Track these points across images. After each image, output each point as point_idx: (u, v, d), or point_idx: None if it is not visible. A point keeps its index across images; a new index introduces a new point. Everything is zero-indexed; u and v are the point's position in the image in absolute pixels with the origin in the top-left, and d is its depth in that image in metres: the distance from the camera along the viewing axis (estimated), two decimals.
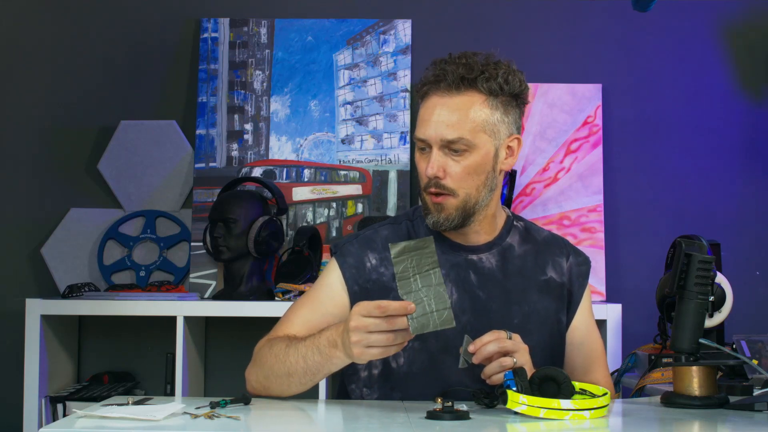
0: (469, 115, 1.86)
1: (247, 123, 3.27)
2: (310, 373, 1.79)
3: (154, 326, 3.14)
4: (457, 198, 1.89)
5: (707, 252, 1.83)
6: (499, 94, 1.89)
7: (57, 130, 3.33)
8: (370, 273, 1.95)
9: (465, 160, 1.87)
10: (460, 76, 1.86)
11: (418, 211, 2.03)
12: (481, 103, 1.87)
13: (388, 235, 1.99)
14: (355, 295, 1.94)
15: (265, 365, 1.85)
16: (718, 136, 3.30)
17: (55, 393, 2.96)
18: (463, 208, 1.90)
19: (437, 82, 1.87)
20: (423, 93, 1.90)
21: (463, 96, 1.87)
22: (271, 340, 1.90)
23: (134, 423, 1.53)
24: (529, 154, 3.24)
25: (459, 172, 1.87)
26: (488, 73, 1.87)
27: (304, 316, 1.95)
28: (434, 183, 1.87)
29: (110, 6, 3.36)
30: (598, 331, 2.09)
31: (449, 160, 1.87)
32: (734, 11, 3.32)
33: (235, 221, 3.01)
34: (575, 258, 2.03)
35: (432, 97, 1.88)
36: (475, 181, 1.89)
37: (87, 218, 3.25)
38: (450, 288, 1.93)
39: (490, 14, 3.33)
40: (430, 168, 1.87)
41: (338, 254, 1.99)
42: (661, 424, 1.68)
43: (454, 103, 1.86)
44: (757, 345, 2.15)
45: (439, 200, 1.89)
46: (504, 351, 1.74)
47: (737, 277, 2.20)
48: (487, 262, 1.96)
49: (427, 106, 1.89)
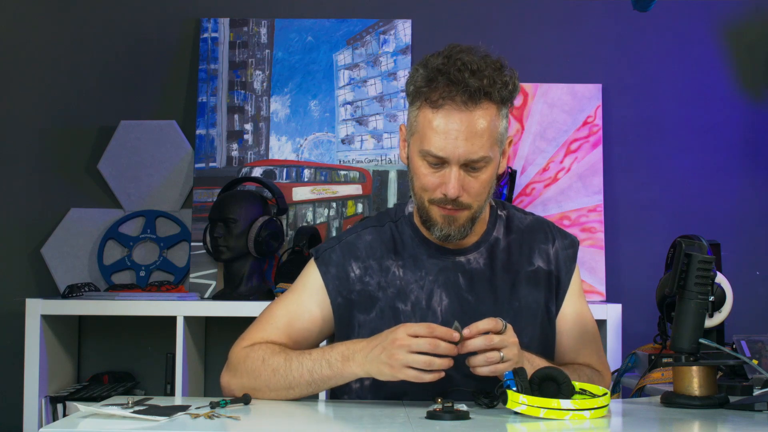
0: (489, 128, 1.78)
1: (247, 123, 3.27)
2: (315, 385, 1.79)
3: (154, 326, 3.14)
4: (471, 210, 1.85)
5: (707, 252, 1.83)
6: (507, 101, 1.82)
7: (57, 130, 3.33)
8: (354, 284, 1.91)
9: (482, 174, 1.81)
10: (481, 88, 1.76)
11: (401, 210, 1.98)
12: (495, 114, 1.79)
13: (371, 241, 1.94)
14: (339, 306, 1.91)
15: (257, 378, 1.82)
16: (718, 136, 3.30)
17: (55, 393, 2.96)
18: (473, 218, 1.86)
19: (455, 93, 1.76)
20: (433, 101, 1.77)
21: (482, 108, 1.77)
22: (256, 348, 1.86)
23: (134, 423, 1.53)
24: (529, 154, 3.24)
25: (477, 187, 1.82)
26: (500, 83, 1.79)
27: (280, 327, 1.91)
28: (452, 200, 1.81)
29: (110, 6, 3.36)
30: (591, 313, 2.03)
31: (467, 177, 1.81)
32: (734, 11, 3.32)
33: (235, 221, 3.01)
34: (561, 241, 1.99)
35: (450, 111, 1.76)
36: (488, 193, 1.86)
37: (87, 218, 3.25)
38: (439, 294, 1.90)
39: (490, 14, 3.34)
40: (452, 189, 1.78)
41: (319, 261, 1.94)
42: (661, 424, 1.68)
43: (475, 117, 1.76)
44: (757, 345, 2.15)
45: (453, 213, 1.84)
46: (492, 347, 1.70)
47: (737, 277, 2.19)
48: (474, 262, 1.93)
49: (443, 120, 1.77)
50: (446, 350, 1.65)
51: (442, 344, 1.65)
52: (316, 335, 1.95)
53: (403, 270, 1.92)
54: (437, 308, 1.90)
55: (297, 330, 1.92)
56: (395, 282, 1.91)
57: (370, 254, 1.93)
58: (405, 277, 1.91)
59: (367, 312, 1.91)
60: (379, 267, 1.92)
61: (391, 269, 1.92)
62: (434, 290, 1.91)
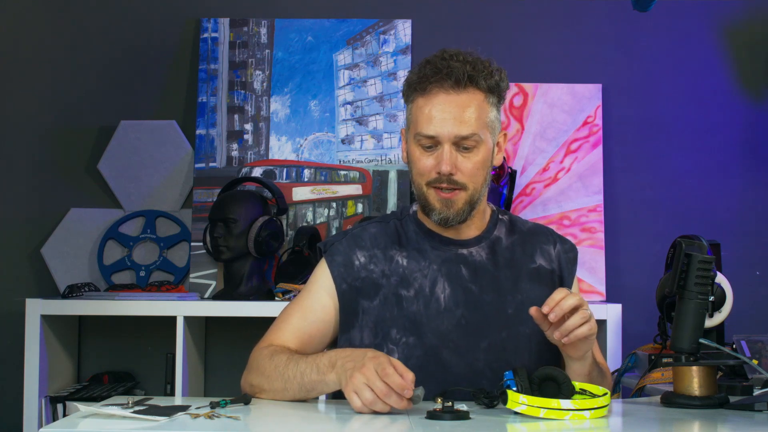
0: (478, 111, 1.88)
1: (247, 123, 3.27)
2: (305, 390, 1.80)
3: (154, 326, 3.14)
4: (467, 192, 1.91)
5: (707, 252, 1.83)
6: (495, 92, 1.92)
7: (57, 130, 3.33)
8: (359, 271, 1.96)
9: (474, 155, 1.89)
10: (466, 73, 1.87)
11: (406, 210, 2.05)
12: (483, 100, 1.90)
13: (376, 233, 2.00)
14: (344, 293, 1.95)
15: (263, 374, 1.86)
16: (718, 136, 3.30)
17: (55, 393, 2.96)
18: (470, 202, 1.92)
19: (443, 78, 1.87)
20: (423, 89, 1.89)
21: (469, 93, 1.88)
22: (270, 348, 1.90)
23: (134, 423, 1.53)
24: (529, 154, 3.24)
25: (470, 167, 1.89)
26: (485, 71, 1.89)
27: (294, 324, 1.96)
28: (446, 179, 1.89)
29: (110, 6, 3.36)
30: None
31: (459, 156, 1.89)
32: (734, 11, 3.32)
33: (235, 221, 3.01)
34: (562, 245, 2.05)
35: (438, 94, 1.87)
36: (482, 176, 1.92)
37: (87, 218, 3.25)
38: (443, 283, 1.94)
39: (490, 14, 3.34)
40: (444, 165, 1.87)
41: (327, 253, 2.00)
42: (661, 424, 1.68)
43: (462, 99, 1.88)
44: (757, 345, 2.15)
45: (450, 195, 1.90)
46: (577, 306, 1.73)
47: (737, 277, 2.19)
48: (477, 255, 1.98)
49: (433, 102, 1.88)
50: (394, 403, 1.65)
51: (393, 397, 1.64)
52: (332, 326, 1.98)
53: (408, 260, 1.97)
54: (440, 295, 1.94)
55: (311, 322, 1.95)
56: (399, 270, 1.96)
57: (375, 244, 1.98)
58: (409, 266, 1.96)
59: (371, 299, 1.94)
60: (383, 256, 1.97)
61: (395, 258, 1.97)
62: (438, 279, 1.95)
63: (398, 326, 1.92)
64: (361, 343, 1.93)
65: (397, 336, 1.91)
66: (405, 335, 1.91)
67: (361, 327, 1.94)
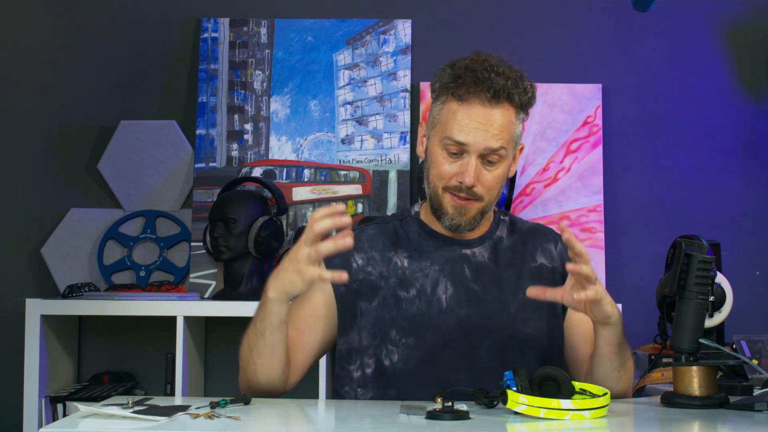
0: (508, 126, 1.89)
1: (247, 123, 3.27)
2: (260, 334, 1.82)
3: (154, 326, 3.14)
4: (482, 203, 1.92)
5: (707, 252, 1.83)
6: (525, 109, 1.93)
7: (57, 130, 3.33)
8: (357, 273, 1.96)
9: (496, 169, 1.90)
10: (506, 89, 1.87)
11: (407, 211, 2.06)
12: (514, 116, 1.91)
13: (373, 235, 2.01)
14: (342, 296, 1.95)
15: (244, 360, 1.88)
16: (718, 136, 3.30)
17: (55, 393, 2.96)
18: (483, 211, 1.94)
19: (482, 91, 1.87)
20: (459, 95, 1.88)
21: (503, 108, 1.89)
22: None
23: (134, 423, 1.53)
24: (529, 154, 3.24)
25: (491, 180, 1.91)
26: (521, 87, 1.90)
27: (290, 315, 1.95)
28: (466, 189, 1.89)
29: (110, 6, 3.36)
30: None
31: (483, 169, 1.89)
32: (734, 11, 3.32)
33: (235, 221, 3.01)
34: (563, 244, 2.04)
35: (474, 104, 1.87)
36: (498, 189, 1.94)
37: (87, 218, 3.25)
38: (445, 282, 1.95)
39: (490, 14, 3.34)
40: (468, 177, 1.87)
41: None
42: (661, 424, 1.68)
43: (497, 113, 1.88)
44: (757, 345, 2.15)
45: (465, 204, 1.91)
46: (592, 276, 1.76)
47: (737, 277, 2.19)
48: (479, 255, 1.99)
49: (468, 111, 1.87)
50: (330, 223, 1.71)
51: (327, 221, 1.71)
52: (322, 321, 1.97)
53: (408, 261, 1.97)
54: (442, 296, 1.94)
55: (298, 318, 1.95)
56: (397, 272, 1.96)
57: (372, 246, 1.99)
58: (409, 267, 1.96)
59: (369, 301, 1.94)
60: (381, 258, 1.97)
61: (393, 260, 1.97)
62: (440, 279, 1.95)
63: (397, 327, 1.92)
64: (359, 344, 1.93)
65: (396, 337, 1.91)
66: (404, 336, 1.91)
67: (359, 329, 1.94)
